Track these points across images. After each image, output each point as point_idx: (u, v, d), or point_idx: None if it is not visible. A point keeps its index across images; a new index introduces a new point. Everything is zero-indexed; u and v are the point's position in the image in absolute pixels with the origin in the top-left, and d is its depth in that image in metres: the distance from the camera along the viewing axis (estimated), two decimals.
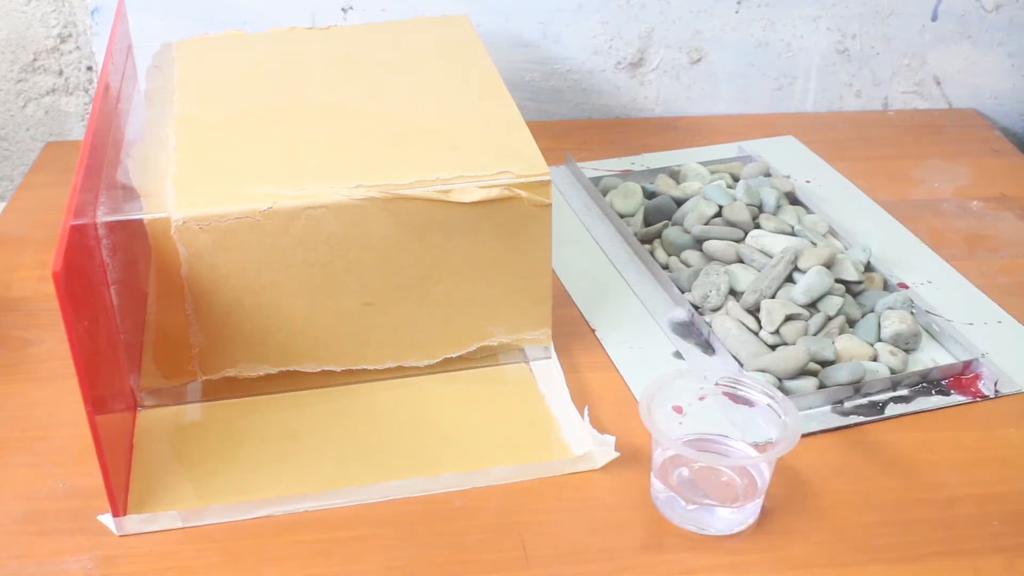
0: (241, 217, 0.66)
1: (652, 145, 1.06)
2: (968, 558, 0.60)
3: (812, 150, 1.06)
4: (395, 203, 0.67)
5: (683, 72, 1.13)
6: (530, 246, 0.71)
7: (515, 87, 1.10)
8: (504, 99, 0.79)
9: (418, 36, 0.91)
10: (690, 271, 0.82)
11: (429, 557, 0.61)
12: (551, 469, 0.66)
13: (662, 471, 0.64)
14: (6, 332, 0.79)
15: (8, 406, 0.72)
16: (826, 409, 0.71)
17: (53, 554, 0.61)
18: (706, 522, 0.62)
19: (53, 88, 1.09)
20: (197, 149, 0.73)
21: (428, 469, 0.66)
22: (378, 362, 0.73)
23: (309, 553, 0.61)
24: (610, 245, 0.90)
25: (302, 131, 0.75)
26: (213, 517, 0.63)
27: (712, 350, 0.77)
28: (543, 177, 0.69)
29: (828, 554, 0.61)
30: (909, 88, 1.16)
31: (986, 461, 0.67)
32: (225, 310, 0.69)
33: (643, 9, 1.09)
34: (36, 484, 0.66)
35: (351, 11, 1.07)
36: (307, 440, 0.69)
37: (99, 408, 0.59)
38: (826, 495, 0.65)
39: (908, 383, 0.73)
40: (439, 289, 0.71)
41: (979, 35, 1.13)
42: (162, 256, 0.66)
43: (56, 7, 1.05)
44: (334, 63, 0.87)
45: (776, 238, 0.84)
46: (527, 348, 0.75)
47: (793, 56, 1.13)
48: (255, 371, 0.71)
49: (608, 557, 0.60)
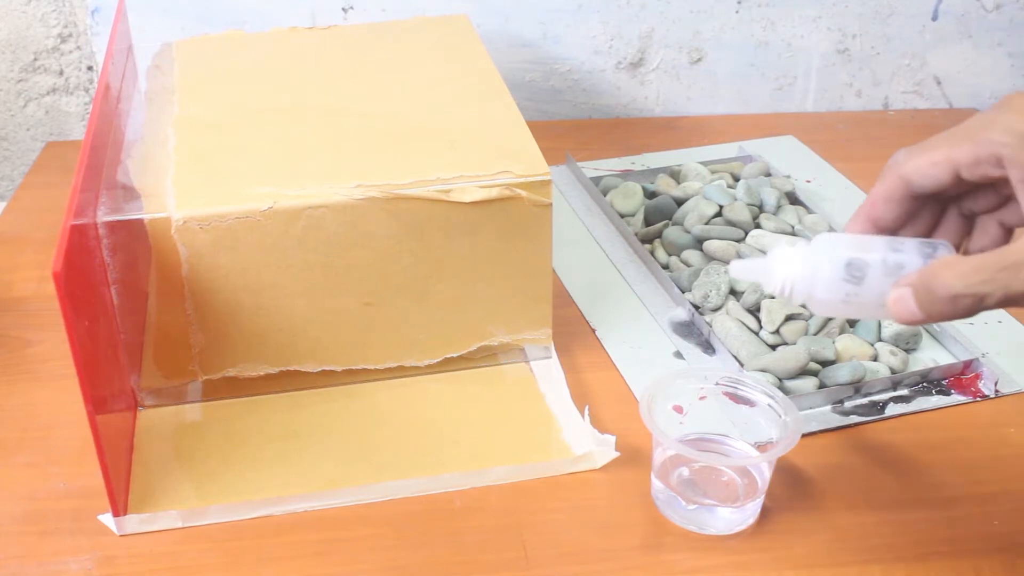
0: (241, 217, 0.66)
1: (652, 145, 1.06)
2: (968, 558, 0.60)
3: (812, 150, 1.06)
4: (395, 203, 0.67)
5: (683, 72, 1.13)
6: (530, 246, 0.71)
7: (515, 87, 1.10)
8: (504, 99, 0.79)
9: (418, 36, 0.91)
10: (690, 271, 0.82)
11: (429, 557, 0.61)
12: (551, 469, 0.66)
13: (662, 471, 0.64)
14: (6, 332, 0.79)
15: (8, 406, 0.72)
16: (826, 409, 0.71)
17: (53, 554, 0.61)
18: (706, 522, 0.62)
19: (53, 88, 1.09)
20: (197, 149, 0.73)
21: (428, 469, 0.66)
22: (378, 362, 0.73)
23: (309, 553, 0.61)
24: (610, 245, 0.90)
25: (302, 131, 0.75)
26: (213, 517, 0.63)
27: (712, 350, 0.77)
28: (543, 177, 0.69)
29: (828, 554, 0.61)
30: (909, 88, 1.16)
31: (986, 461, 0.67)
32: (225, 310, 0.69)
33: (643, 9, 1.09)
34: (36, 484, 0.66)
35: (351, 11, 1.07)
36: (307, 440, 0.69)
37: (99, 408, 0.59)
38: (826, 495, 0.65)
39: (908, 383, 0.73)
40: (439, 289, 0.71)
41: (979, 35, 1.13)
42: (162, 256, 0.66)
43: (56, 7, 1.05)
44: (334, 63, 0.87)
45: (776, 238, 0.84)
46: (527, 348, 0.75)
47: (793, 56, 1.13)
48: (255, 371, 0.71)
49: (608, 557, 0.60)
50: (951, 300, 0.47)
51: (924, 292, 0.48)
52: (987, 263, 0.47)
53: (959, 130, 0.49)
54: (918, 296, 0.48)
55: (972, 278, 0.47)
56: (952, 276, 0.47)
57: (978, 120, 0.48)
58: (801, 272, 0.52)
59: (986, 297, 0.47)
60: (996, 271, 0.46)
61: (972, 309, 0.47)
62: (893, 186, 0.51)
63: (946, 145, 0.49)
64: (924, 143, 0.50)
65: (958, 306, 0.47)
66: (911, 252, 0.51)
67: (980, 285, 0.47)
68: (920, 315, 0.49)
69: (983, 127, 0.48)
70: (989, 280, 0.46)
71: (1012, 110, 0.47)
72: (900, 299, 0.49)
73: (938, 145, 0.50)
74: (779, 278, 0.52)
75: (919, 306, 0.48)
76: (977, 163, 0.48)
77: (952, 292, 0.47)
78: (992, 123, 0.48)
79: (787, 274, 0.52)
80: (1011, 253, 0.46)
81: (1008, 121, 0.47)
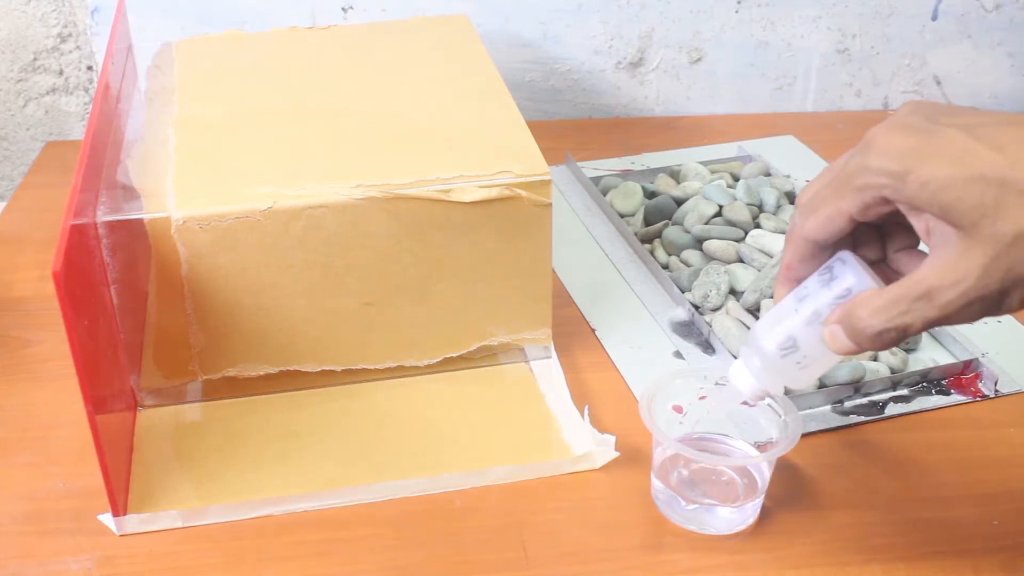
0: (241, 217, 0.66)
1: (652, 145, 1.06)
2: (968, 558, 0.60)
3: (812, 150, 1.06)
4: (395, 203, 0.67)
5: (683, 72, 1.13)
6: (530, 246, 0.71)
7: (515, 87, 1.10)
8: (504, 99, 0.79)
9: (418, 36, 0.91)
10: (690, 271, 0.82)
11: (429, 557, 0.61)
12: (551, 469, 0.66)
13: (662, 471, 0.64)
14: (6, 332, 0.79)
15: (8, 406, 0.72)
16: (826, 409, 0.71)
17: (53, 554, 0.61)
18: (706, 522, 0.62)
19: (53, 88, 1.09)
20: (197, 149, 0.73)
21: (428, 469, 0.66)
22: (378, 362, 0.73)
23: (309, 553, 0.61)
24: (610, 245, 0.90)
25: (302, 131, 0.75)
26: (213, 517, 0.63)
27: (712, 350, 0.77)
28: (543, 177, 0.69)
29: (828, 554, 0.61)
30: (909, 88, 1.16)
31: (986, 461, 0.67)
32: (225, 310, 0.69)
33: (643, 9, 1.09)
34: (36, 484, 0.66)
35: (351, 11, 1.07)
36: (307, 440, 0.69)
37: (99, 408, 0.59)
38: (826, 495, 0.65)
39: (908, 383, 0.73)
40: (439, 289, 0.71)
41: (979, 35, 1.13)
42: (162, 256, 0.66)
43: (56, 7, 1.05)
44: (334, 63, 0.87)
45: (776, 238, 0.84)
46: (527, 348, 0.75)
47: (793, 56, 1.13)
48: (255, 371, 0.71)
49: (608, 557, 0.60)
50: (876, 336, 0.49)
51: (850, 329, 0.50)
52: (902, 295, 0.48)
53: (840, 179, 0.50)
54: (847, 332, 0.50)
55: (891, 312, 0.49)
56: (870, 315, 0.49)
57: (852, 166, 0.49)
58: (754, 375, 0.56)
59: (908, 327, 0.48)
60: (911, 302, 0.48)
61: (898, 340, 0.49)
62: (801, 248, 0.53)
63: (834, 198, 0.50)
64: (813, 199, 0.52)
65: (884, 340, 0.49)
66: (815, 292, 0.53)
67: (899, 318, 0.48)
68: (855, 348, 0.51)
69: (858, 173, 0.49)
70: (907, 311, 0.48)
71: (875, 149, 0.48)
72: (833, 336, 0.51)
73: (826, 200, 0.51)
74: (748, 392, 0.57)
75: (851, 340, 0.50)
76: (867, 208, 0.50)
77: (874, 330, 0.49)
78: (864, 169, 0.49)
79: (749, 385, 0.56)
80: (921, 282, 0.48)
81: (877, 163, 0.48)
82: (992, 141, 0.46)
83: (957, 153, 0.46)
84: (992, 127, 0.47)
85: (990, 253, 0.46)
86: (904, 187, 0.47)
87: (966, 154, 0.46)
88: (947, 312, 0.47)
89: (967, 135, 0.46)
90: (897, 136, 0.48)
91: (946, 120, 0.48)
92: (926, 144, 0.47)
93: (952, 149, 0.46)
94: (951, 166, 0.46)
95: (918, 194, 0.47)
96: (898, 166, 0.47)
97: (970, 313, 0.48)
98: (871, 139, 0.49)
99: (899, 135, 0.48)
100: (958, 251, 0.46)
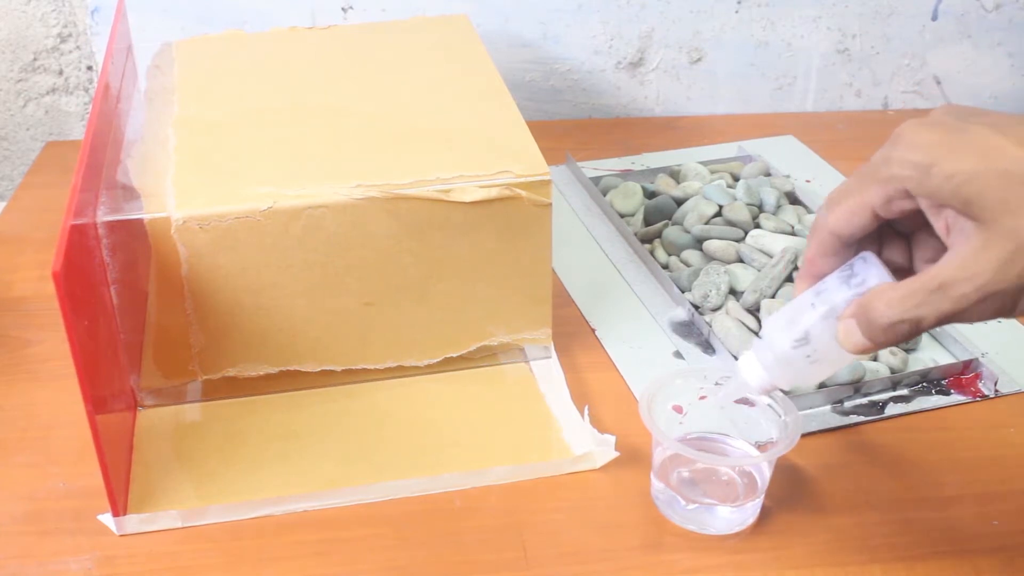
0: (241, 217, 0.66)
1: (652, 145, 1.06)
2: (968, 558, 0.60)
3: (812, 150, 1.06)
4: (395, 203, 0.67)
5: (683, 72, 1.13)
6: (530, 246, 0.71)
7: (515, 87, 1.10)
8: (504, 99, 0.79)
9: (418, 36, 0.91)
10: (690, 271, 0.82)
11: (429, 557, 0.61)
12: (551, 469, 0.66)
13: (662, 471, 0.64)
14: (6, 332, 0.79)
15: (8, 406, 0.72)
16: (826, 409, 0.71)
17: (53, 554, 0.61)
18: (706, 522, 0.62)
19: (53, 88, 1.09)
20: (197, 149, 0.73)
21: (428, 469, 0.66)
22: (378, 362, 0.73)
23: (309, 553, 0.61)
24: (610, 245, 0.90)
25: (302, 131, 0.75)
26: (213, 517, 0.63)
27: (712, 350, 0.77)
28: (543, 177, 0.69)
29: (828, 554, 0.61)
30: (909, 88, 1.16)
31: (986, 461, 0.67)
32: (225, 310, 0.69)
33: (643, 9, 1.09)
34: (36, 484, 0.66)
35: (351, 11, 1.07)
36: (307, 440, 0.69)
37: (99, 408, 0.59)
38: (826, 495, 0.65)
39: (908, 383, 0.73)
40: (439, 289, 0.71)
41: (979, 35, 1.13)
42: (162, 256, 0.66)
43: (56, 7, 1.05)
44: (334, 63, 0.87)
45: (776, 238, 0.84)
46: (527, 348, 0.75)
47: (793, 56, 1.13)
48: (255, 371, 0.71)
49: (608, 557, 0.60)
50: (890, 328, 0.49)
51: (864, 322, 0.50)
52: (917, 288, 0.48)
53: (866, 172, 0.51)
54: (861, 326, 0.50)
55: (906, 304, 0.48)
56: (886, 305, 0.49)
57: (879, 158, 0.50)
58: (764, 368, 0.56)
59: (922, 320, 0.48)
60: (927, 294, 0.48)
61: (911, 333, 0.49)
62: (825, 242, 0.53)
63: (858, 191, 0.51)
64: (838, 192, 0.52)
65: (898, 332, 0.49)
66: (834, 288, 0.53)
67: (914, 310, 0.48)
68: (868, 343, 0.50)
69: (883, 165, 0.49)
70: (922, 303, 0.48)
71: (903, 143, 0.48)
72: (847, 331, 0.51)
73: (850, 192, 0.51)
74: (755, 385, 0.56)
75: (864, 335, 0.50)
76: (889, 201, 0.50)
77: (889, 320, 0.49)
78: (889, 160, 0.49)
79: (758, 377, 0.56)
80: (937, 275, 0.47)
81: (903, 155, 0.48)
82: (1020, 138, 0.46)
83: (983, 148, 0.46)
84: (1020, 126, 0.47)
85: (1010, 248, 0.46)
86: (928, 179, 0.47)
87: (992, 149, 0.46)
88: (961, 306, 0.47)
89: (994, 131, 0.46)
90: (925, 131, 0.48)
91: (975, 119, 0.48)
92: (953, 139, 0.47)
93: (979, 144, 0.46)
94: (977, 160, 0.46)
95: (942, 186, 0.47)
96: (923, 157, 0.47)
97: (984, 309, 0.47)
98: (899, 133, 0.49)
99: (927, 130, 0.48)
100: (977, 245, 0.46)
